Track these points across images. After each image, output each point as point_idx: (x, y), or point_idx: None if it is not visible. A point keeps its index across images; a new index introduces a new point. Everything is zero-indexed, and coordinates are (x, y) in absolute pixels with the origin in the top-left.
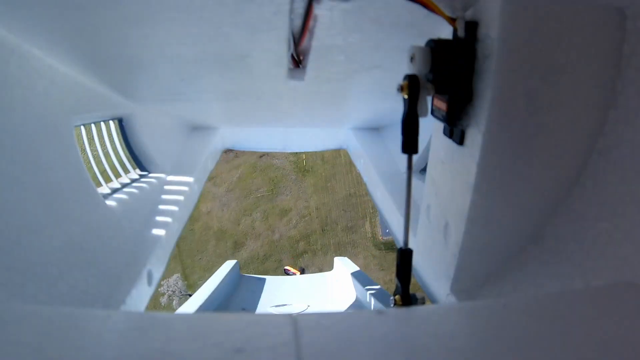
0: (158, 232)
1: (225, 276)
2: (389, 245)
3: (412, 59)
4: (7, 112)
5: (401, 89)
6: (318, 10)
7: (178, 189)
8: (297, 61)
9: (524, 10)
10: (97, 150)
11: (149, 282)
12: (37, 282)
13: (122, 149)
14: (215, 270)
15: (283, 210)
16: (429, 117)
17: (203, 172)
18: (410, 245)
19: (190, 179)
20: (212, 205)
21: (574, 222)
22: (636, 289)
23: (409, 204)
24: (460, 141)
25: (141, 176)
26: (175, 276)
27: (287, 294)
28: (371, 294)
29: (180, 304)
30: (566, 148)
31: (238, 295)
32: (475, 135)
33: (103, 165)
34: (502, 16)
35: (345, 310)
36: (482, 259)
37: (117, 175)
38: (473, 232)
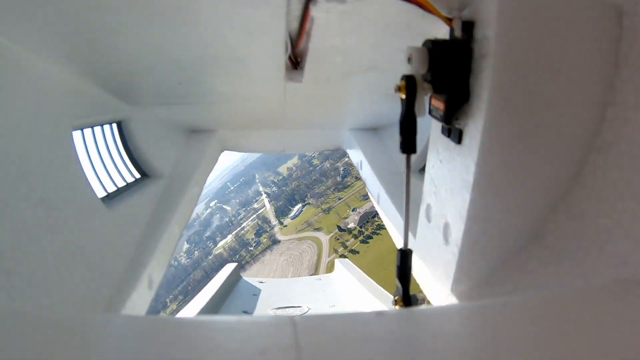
0: (158, 235)
1: (226, 279)
2: None
3: (409, 59)
4: (6, 116)
5: (399, 89)
6: (315, 12)
7: (177, 192)
8: (295, 63)
9: (521, 9)
10: (96, 154)
11: (150, 286)
12: (38, 286)
13: (122, 152)
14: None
15: None
16: (427, 116)
17: (202, 174)
18: (410, 245)
19: (189, 182)
20: None
21: (573, 219)
22: (637, 285)
23: (408, 204)
24: (458, 140)
25: (140, 179)
26: None
27: (288, 296)
28: (372, 295)
29: None
30: (565, 146)
31: (239, 298)
32: (473, 134)
33: (102, 168)
34: (498, 15)
35: (346, 311)
36: (482, 258)
37: (117, 179)
38: (473, 231)
